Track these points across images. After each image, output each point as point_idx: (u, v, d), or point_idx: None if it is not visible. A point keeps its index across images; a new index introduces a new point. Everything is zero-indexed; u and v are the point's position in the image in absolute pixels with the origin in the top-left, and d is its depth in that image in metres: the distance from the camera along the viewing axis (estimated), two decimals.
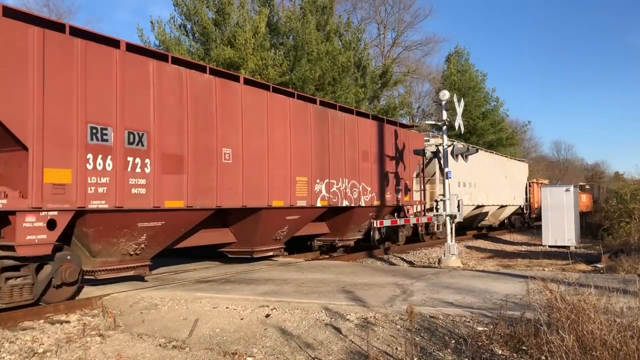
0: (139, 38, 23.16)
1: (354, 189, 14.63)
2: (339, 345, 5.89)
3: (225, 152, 10.56)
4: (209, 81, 10.38)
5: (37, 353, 6.07)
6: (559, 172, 79.18)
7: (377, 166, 15.78)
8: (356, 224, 15.48)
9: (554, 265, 14.20)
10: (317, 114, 13.41)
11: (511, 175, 29.30)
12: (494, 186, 26.13)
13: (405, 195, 17.46)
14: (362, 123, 15.36)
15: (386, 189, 16.15)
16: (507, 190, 28.21)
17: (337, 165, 14.08)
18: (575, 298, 5.19)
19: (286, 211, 12.37)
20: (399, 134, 17.05)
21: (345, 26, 29.23)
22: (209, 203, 10.22)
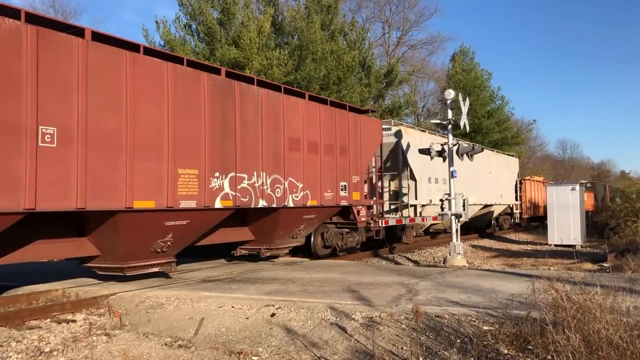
0: (144, 38, 23.26)
1: (277, 186, 11.54)
2: (344, 344, 5.89)
3: (45, 132, 7.49)
4: (17, 29, 7.25)
5: (43, 352, 6.10)
6: (564, 171, 78.87)
7: (313, 157, 12.70)
8: (287, 229, 12.48)
9: (560, 265, 14.16)
10: (218, 88, 10.17)
11: (498, 171, 26.39)
12: (476, 183, 23.36)
13: (355, 193, 14.40)
14: (291, 103, 12.08)
15: (326, 185, 13.11)
16: (492, 187, 25.44)
17: (250, 155, 10.86)
18: (581, 297, 5.17)
19: (163, 215, 9.12)
20: (348, 120, 14.05)
21: (350, 25, 29.21)
22: (9, 204, 7.11)
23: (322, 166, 13.00)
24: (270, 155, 11.44)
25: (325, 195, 13.09)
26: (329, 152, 13.26)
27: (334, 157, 13.43)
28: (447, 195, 14.85)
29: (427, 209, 19.04)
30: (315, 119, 12.82)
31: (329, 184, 13.23)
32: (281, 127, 11.80)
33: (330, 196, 13.30)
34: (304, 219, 12.85)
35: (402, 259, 16.22)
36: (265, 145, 11.32)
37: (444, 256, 14.97)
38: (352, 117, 14.32)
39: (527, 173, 46.82)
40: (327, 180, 13.15)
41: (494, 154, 27.06)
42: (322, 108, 13.16)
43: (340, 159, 13.69)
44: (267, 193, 11.34)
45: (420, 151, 16.38)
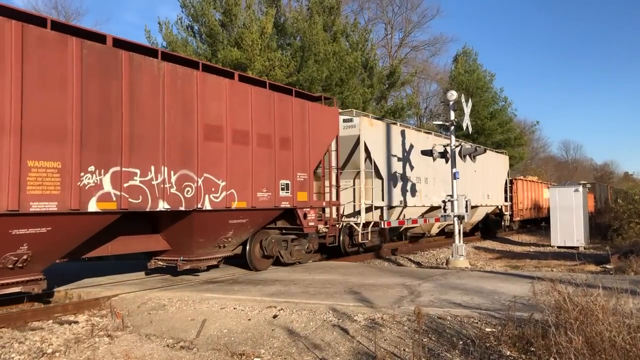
0: (147, 39, 23.29)
1: (187, 184, 9.36)
2: (346, 346, 5.89)
3: None
4: None
5: (46, 353, 6.11)
6: (567, 173, 78.75)
7: (242, 150, 10.52)
8: (208, 237, 10.34)
9: (563, 266, 14.12)
10: (95, 59, 8.05)
11: (484, 169, 23.90)
12: (459, 182, 21.99)
13: (301, 193, 12.12)
14: (209, 83, 9.90)
15: (260, 184, 10.92)
16: (477, 187, 23.05)
17: (145, 146, 8.62)
18: (584, 299, 5.15)
19: (4, 221, 7.01)
20: (292, 106, 11.88)
21: (352, 27, 29.21)
22: None
23: (255, 161, 10.78)
24: (176, 146, 9.16)
25: (259, 195, 10.88)
26: (264, 144, 11.07)
27: (271, 150, 11.24)
28: (449, 196, 14.82)
29: (396, 211, 16.97)
30: (245, 104, 10.64)
31: (265, 182, 11.03)
32: (194, 111, 9.53)
33: (267, 197, 11.09)
34: (231, 225, 10.58)
35: (405, 260, 16.21)
36: (169, 134, 9.00)
37: (447, 258, 14.94)
38: (298, 103, 12.15)
39: (529, 174, 46.69)
40: (262, 178, 10.96)
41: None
42: (256, 91, 10.97)
43: (282, 152, 11.51)
44: (172, 193, 9.05)
45: (423, 152, 16.33)
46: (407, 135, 17.85)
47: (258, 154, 10.92)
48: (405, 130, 17.97)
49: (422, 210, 18.65)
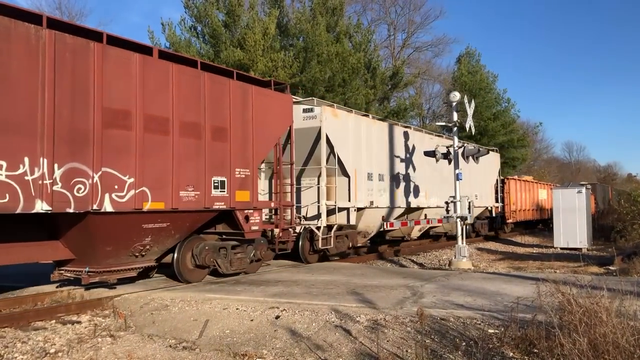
0: (150, 40, 23.34)
1: (77, 180, 7.71)
2: (348, 347, 5.88)
3: None
4: None
5: (49, 353, 6.12)
6: (570, 174, 78.58)
7: (158, 140, 8.86)
8: (116, 244, 8.69)
9: (566, 268, 14.10)
10: None
11: (471, 168, 21.02)
12: (439, 180, 19.12)
13: (241, 192, 10.51)
14: (113, 59, 8.26)
15: (185, 181, 9.27)
16: (463, 187, 18.33)
17: (12, 130, 7.00)
18: (588, 300, 5.14)
19: None
20: (230, 91, 10.23)
21: (355, 27, 29.22)
22: None
23: (178, 154, 9.12)
24: (62, 133, 7.53)
25: (184, 195, 9.21)
26: (191, 134, 9.40)
27: (200, 142, 9.58)
28: (452, 197, 14.80)
29: (367, 213, 15.18)
30: (164, 85, 8.95)
31: (191, 179, 9.37)
32: (90, 92, 7.90)
33: (193, 197, 9.40)
34: (147, 230, 8.93)
35: (407, 261, 16.20)
36: (51, 118, 7.38)
37: (449, 259, 14.93)
38: (239, 88, 10.47)
39: (532, 175, 46.57)
40: (187, 174, 9.29)
41: None
42: (179, 70, 9.26)
43: (215, 145, 9.87)
44: (55, 191, 7.42)
45: (426, 153, 16.31)
46: (382, 129, 16.28)
47: (182, 146, 9.19)
48: (380, 124, 16.42)
49: (397, 212, 16.94)
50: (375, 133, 15.73)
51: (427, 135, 19.59)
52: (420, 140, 18.52)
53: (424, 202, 18.26)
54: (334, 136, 13.80)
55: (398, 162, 16.90)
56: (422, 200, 18.14)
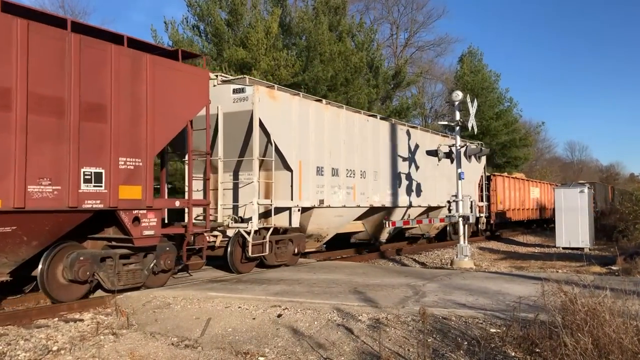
0: (153, 39, 23.33)
1: None
2: (350, 345, 5.88)
3: None
4: None
5: (51, 351, 6.13)
6: (572, 174, 78.46)
7: None
8: None
9: (568, 267, 14.08)
10: None
11: (447, 162, 17.94)
12: (420, 178, 17.61)
13: (128, 187, 8.54)
14: None
15: (37, 172, 7.37)
16: (441, 184, 18.97)
17: None
18: (591, 300, 5.13)
19: None
20: (113, 58, 8.35)
21: (358, 27, 29.19)
22: None
23: (25, 136, 7.21)
24: None
25: (34, 190, 7.30)
26: (48, 111, 7.49)
27: (63, 121, 7.65)
28: (454, 197, 14.79)
29: (317, 213, 13.03)
30: (5, 47, 7.09)
31: (47, 169, 7.47)
32: None
33: (52, 192, 7.50)
34: None
35: (409, 260, 16.19)
36: None
37: (451, 258, 14.92)
38: (125, 55, 8.53)
39: (535, 175, 46.49)
40: (41, 163, 7.41)
41: (441, 138, 19.57)
42: (30, 28, 7.35)
43: (87, 125, 7.93)
44: None
45: (428, 153, 16.28)
46: (337, 116, 13.83)
47: (33, 126, 7.31)
48: (335, 110, 13.90)
49: (357, 212, 14.77)
50: (328, 120, 13.40)
51: (404, 127, 17.43)
52: (392, 132, 16.43)
53: (394, 201, 16.17)
54: (271, 122, 11.54)
55: (360, 156, 14.64)
56: (393, 199, 16.14)
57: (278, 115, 11.82)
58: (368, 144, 15.08)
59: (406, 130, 17.25)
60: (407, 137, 17.21)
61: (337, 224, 14.28)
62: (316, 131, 12.95)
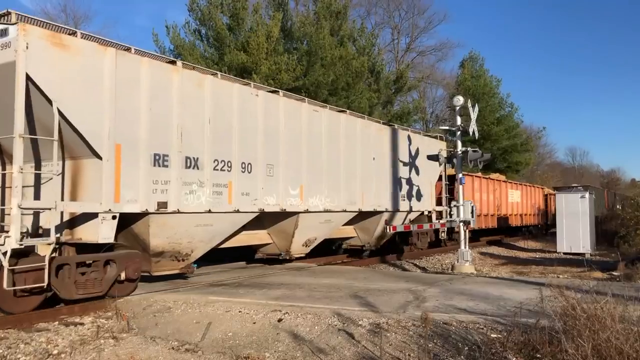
0: (154, 43, 23.41)
1: None
2: (351, 350, 5.87)
3: None
4: None
5: (51, 354, 6.12)
6: (573, 179, 78.34)
7: None
8: None
9: (569, 273, 14.05)
10: None
11: (395, 158, 16.26)
12: (346, 174, 13.96)
13: None
14: None
15: None
16: (381, 183, 15.51)
17: None
18: (592, 306, 5.12)
19: None
20: None
21: (359, 31, 29.25)
22: None
23: None
24: None
25: None
26: None
27: None
28: (455, 202, 14.78)
29: (159, 222, 9.32)
30: None
31: None
32: None
33: None
34: None
35: (410, 265, 16.17)
36: None
37: (452, 263, 14.90)
38: None
39: (536, 181, 46.42)
40: None
41: (381, 128, 15.92)
42: None
43: None
44: None
45: (429, 157, 16.25)
46: (203, 85, 10.16)
47: None
48: (195, 75, 10.13)
49: (237, 219, 10.96)
50: (179, 88, 9.67)
51: (318, 108, 13.42)
52: (296, 112, 12.51)
53: (299, 204, 12.45)
54: (58, 82, 7.85)
55: (241, 142, 10.93)
56: (304, 201, 12.57)
57: (73, 74, 8.03)
58: (258, 127, 11.36)
59: (322, 112, 13.32)
60: (324, 121, 13.31)
61: (206, 236, 10.34)
62: (158, 102, 9.25)
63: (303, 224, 12.73)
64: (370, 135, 15.23)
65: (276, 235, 12.94)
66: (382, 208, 15.38)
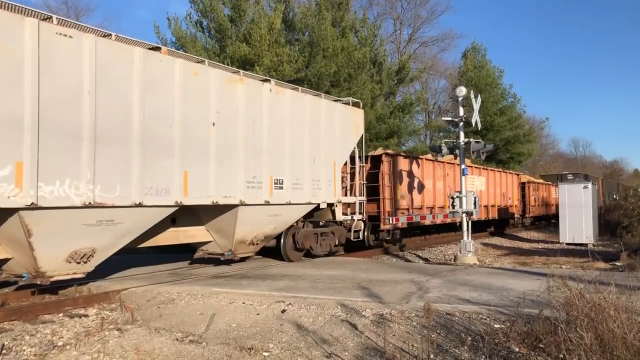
0: (156, 35, 23.33)
1: None
2: (354, 341, 5.89)
3: None
4: None
5: (56, 346, 6.16)
6: (576, 169, 78.26)
7: None
8: None
9: (572, 263, 14.06)
10: None
11: (273, 127, 11.56)
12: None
13: None
14: None
15: None
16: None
17: None
18: (595, 296, 5.13)
19: None
20: None
21: (361, 22, 29.10)
22: None
23: None
24: None
25: None
26: None
27: None
28: (457, 192, 14.76)
29: None
30: None
31: None
32: None
33: None
34: None
35: (413, 256, 16.19)
36: None
37: (455, 254, 14.91)
38: None
39: (539, 171, 46.29)
40: None
41: (232, 79, 10.75)
42: None
43: None
44: None
45: (432, 149, 16.21)
46: None
47: None
48: None
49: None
50: None
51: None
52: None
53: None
54: None
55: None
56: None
57: None
58: None
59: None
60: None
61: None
62: None
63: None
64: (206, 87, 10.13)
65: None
66: (234, 200, 10.58)
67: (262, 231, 11.61)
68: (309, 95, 12.88)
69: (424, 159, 18.76)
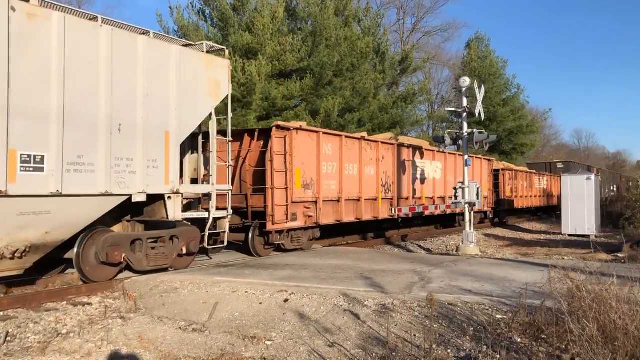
0: (159, 24, 23.25)
1: None
2: (357, 330, 5.92)
3: None
4: None
5: (60, 334, 6.20)
6: (579, 161, 78.09)
7: None
8: None
9: (574, 254, 14.07)
10: None
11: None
12: None
13: None
14: None
15: None
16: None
17: None
18: (597, 287, 5.14)
19: None
20: None
21: (365, 11, 28.95)
22: None
23: None
24: None
25: None
26: None
27: None
28: (460, 183, 14.75)
29: None
30: None
31: None
32: None
33: None
34: None
35: (415, 246, 16.21)
36: None
37: (457, 245, 14.93)
38: None
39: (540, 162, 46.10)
40: None
41: None
42: None
43: None
44: None
45: (435, 139, 16.19)
46: None
47: None
48: None
49: None
50: None
51: None
52: None
53: None
54: None
55: None
56: None
57: None
58: None
59: None
60: None
61: None
62: None
63: None
64: None
65: None
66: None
67: (17, 238, 7.39)
68: (110, 27, 8.44)
69: (344, 136, 14.13)
